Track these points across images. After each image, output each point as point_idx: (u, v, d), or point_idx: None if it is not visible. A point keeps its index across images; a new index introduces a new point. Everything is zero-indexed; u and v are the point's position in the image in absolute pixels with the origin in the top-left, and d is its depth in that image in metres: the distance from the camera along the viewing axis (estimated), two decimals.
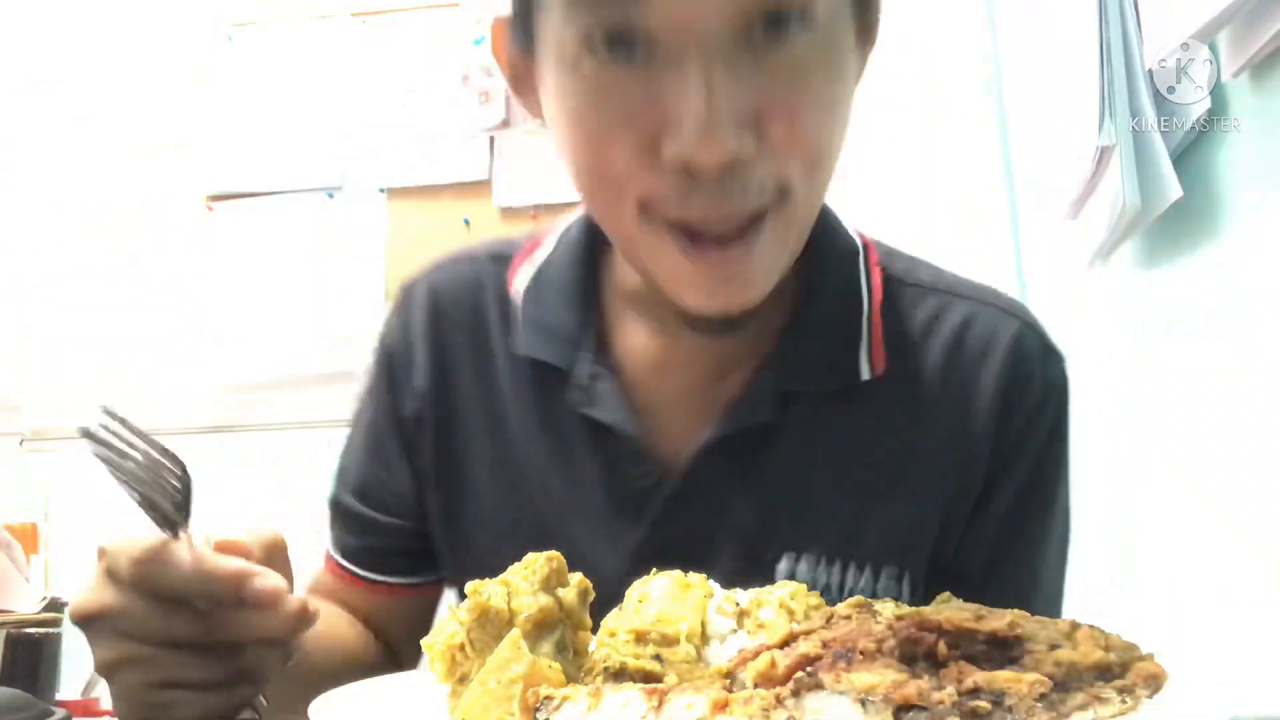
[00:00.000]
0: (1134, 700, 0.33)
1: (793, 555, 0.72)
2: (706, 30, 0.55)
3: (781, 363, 0.73)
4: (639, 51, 0.57)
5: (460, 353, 0.81)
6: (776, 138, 0.58)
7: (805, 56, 0.58)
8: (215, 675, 0.54)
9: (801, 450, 0.73)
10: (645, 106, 0.57)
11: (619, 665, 0.42)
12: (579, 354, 0.76)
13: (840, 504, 0.73)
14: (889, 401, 0.74)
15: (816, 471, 0.73)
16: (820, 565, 0.71)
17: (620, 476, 0.75)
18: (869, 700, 0.28)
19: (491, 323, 0.81)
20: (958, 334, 0.75)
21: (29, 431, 2.61)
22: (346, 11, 2.68)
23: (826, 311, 0.75)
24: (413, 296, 0.85)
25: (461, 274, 0.85)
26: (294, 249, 2.58)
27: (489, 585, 0.48)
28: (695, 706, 0.30)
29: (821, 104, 0.60)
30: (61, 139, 2.74)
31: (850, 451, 0.73)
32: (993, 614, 0.36)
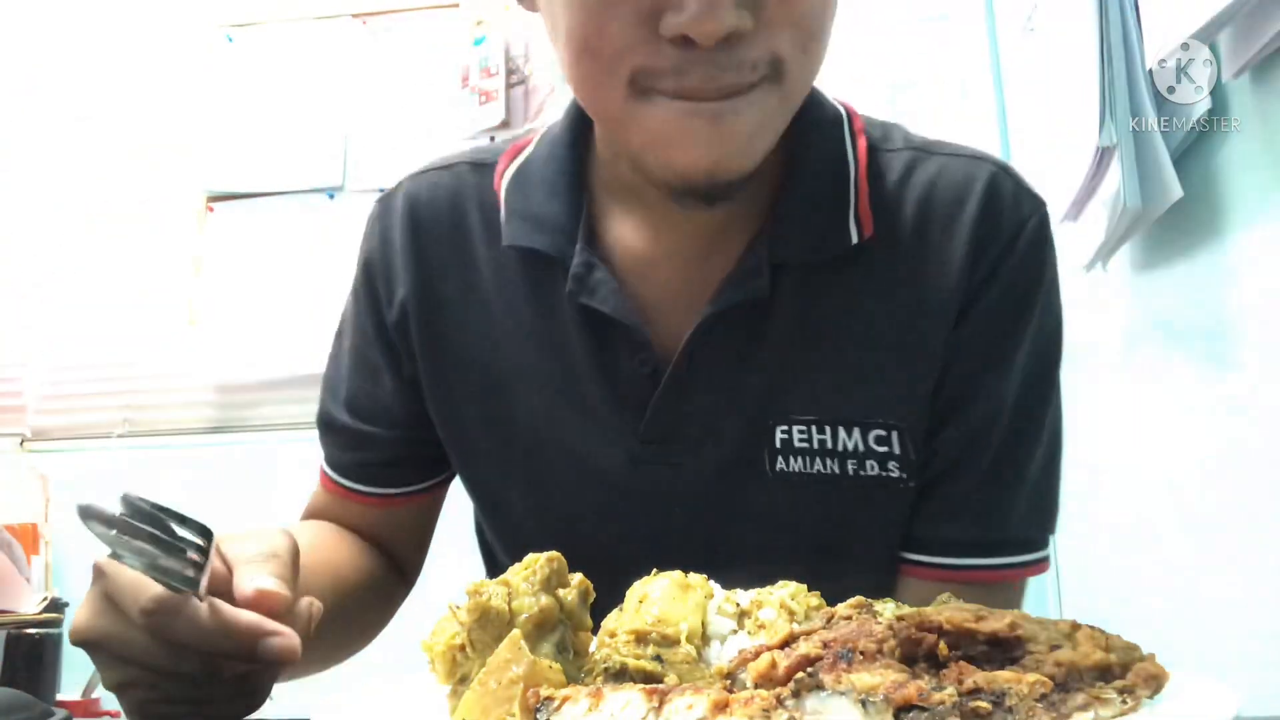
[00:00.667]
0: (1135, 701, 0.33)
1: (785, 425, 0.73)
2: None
3: (772, 235, 0.73)
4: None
5: (443, 257, 0.81)
6: (772, 13, 0.60)
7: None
8: (220, 694, 0.54)
9: (795, 321, 0.74)
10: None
11: (619, 666, 0.42)
12: (572, 244, 0.75)
13: (835, 369, 0.74)
14: (875, 264, 0.74)
15: (811, 340, 0.74)
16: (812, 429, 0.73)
17: (618, 365, 0.75)
18: (869, 700, 0.28)
19: (473, 226, 0.81)
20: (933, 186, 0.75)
21: (29, 432, 2.62)
22: (347, 12, 2.68)
23: (814, 181, 0.75)
24: (390, 207, 0.85)
25: (439, 180, 0.84)
26: (294, 249, 2.58)
27: (489, 586, 0.48)
28: (695, 707, 0.30)
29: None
30: (62, 139, 2.75)
31: (842, 317, 0.74)
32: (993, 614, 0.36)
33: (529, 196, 0.78)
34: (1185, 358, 1.28)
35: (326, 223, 2.58)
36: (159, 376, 2.62)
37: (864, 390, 0.74)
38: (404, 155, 2.58)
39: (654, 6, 0.59)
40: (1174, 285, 1.31)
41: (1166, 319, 1.35)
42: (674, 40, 0.59)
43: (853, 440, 0.73)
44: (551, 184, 0.78)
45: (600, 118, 0.71)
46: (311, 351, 2.51)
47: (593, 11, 0.61)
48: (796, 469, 0.73)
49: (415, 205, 0.83)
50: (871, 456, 0.73)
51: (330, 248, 2.56)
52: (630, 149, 0.68)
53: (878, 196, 0.75)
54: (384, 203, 0.86)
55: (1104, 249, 1.39)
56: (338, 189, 2.60)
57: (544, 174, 0.79)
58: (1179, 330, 1.30)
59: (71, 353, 2.65)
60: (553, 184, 0.78)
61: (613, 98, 0.63)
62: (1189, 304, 1.26)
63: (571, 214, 0.76)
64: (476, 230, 0.81)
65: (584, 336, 0.76)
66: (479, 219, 0.81)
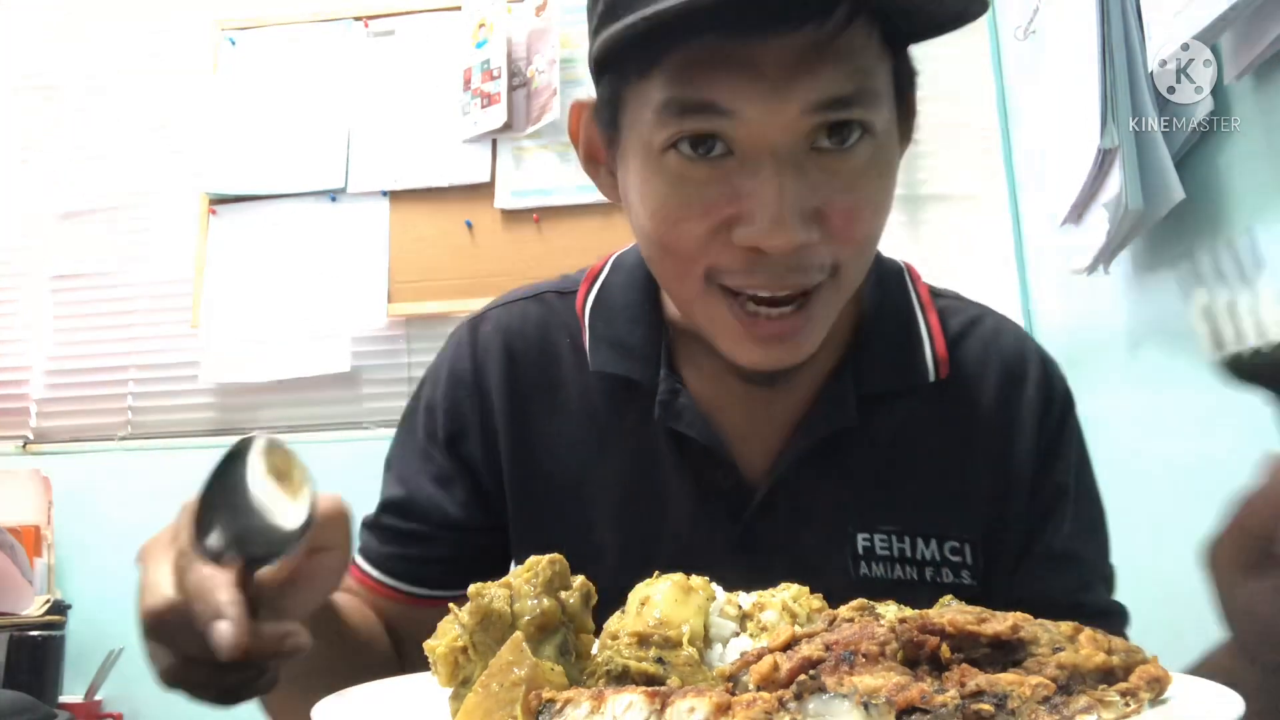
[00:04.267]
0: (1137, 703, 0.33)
1: (867, 533, 0.80)
2: (779, 141, 0.64)
3: (855, 370, 0.81)
4: (718, 151, 0.65)
5: (533, 383, 0.86)
6: (835, 229, 0.66)
7: (861, 163, 0.66)
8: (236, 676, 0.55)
9: (873, 445, 0.81)
10: (722, 198, 0.65)
11: (621, 668, 0.42)
12: (657, 370, 0.81)
13: (911, 489, 0.81)
14: (944, 399, 0.83)
15: (885, 462, 0.81)
16: (893, 538, 0.80)
17: (707, 485, 0.80)
18: (871, 703, 0.28)
19: (562, 352, 0.86)
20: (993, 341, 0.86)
21: (32, 434, 2.62)
22: (349, 14, 2.68)
23: (887, 322, 0.84)
24: (480, 331, 0.89)
25: (528, 310, 0.89)
26: (297, 252, 2.58)
27: (491, 588, 0.48)
28: (697, 709, 0.29)
29: (874, 202, 0.69)
30: (64, 141, 2.75)
31: (914, 443, 0.82)
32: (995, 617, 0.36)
33: (611, 323, 0.84)
34: (1187, 359, 1.27)
35: (329, 225, 2.59)
36: (161, 379, 2.62)
37: (939, 507, 0.81)
38: (406, 157, 2.58)
39: (727, 220, 0.66)
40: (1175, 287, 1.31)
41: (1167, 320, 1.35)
42: (745, 247, 0.65)
43: (930, 550, 0.80)
44: (633, 312, 0.84)
45: (675, 301, 0.77)
46: (313, 353, 2.51)
47: (673, 221, 0.67)
48: (879, 574, 0.79)
49: (508, 333, 0.88)
50: (946, 565, 0.80)
51: (332, 250, 2.56)
52: (702, 332, 0.74)
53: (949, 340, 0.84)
54: (473, 326, 0.90)
55: (1105, 251, 1.39)
56: (340, 191, 2.60)
57: (625, 301, 0.85)
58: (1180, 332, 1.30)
59: (74, 355, 2.65)
60: (634, 312, 0.84)
61: (688, 287, 0.70)
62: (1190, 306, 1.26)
63: (654, 341, 0.83)
64: (566, 356, 0.86)
65: (673, 457, 0.81)
66: (568, 345, 0.86)
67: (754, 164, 0.64)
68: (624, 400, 0.82)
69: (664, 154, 0.66)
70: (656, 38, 0.62)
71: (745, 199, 0.64)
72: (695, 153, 0.65)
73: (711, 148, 0.65)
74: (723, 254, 0.67)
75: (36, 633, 2.16)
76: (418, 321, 2.50)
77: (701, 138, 0.65)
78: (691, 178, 0.66)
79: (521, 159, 2.53)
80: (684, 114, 0.64)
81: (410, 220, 2.56)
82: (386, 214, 2.57)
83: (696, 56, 0.63)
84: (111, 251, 2.68)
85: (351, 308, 2.51)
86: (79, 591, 2.40)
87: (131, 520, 2.44)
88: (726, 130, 0.64)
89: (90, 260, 2.69)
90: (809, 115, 0.63)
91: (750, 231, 0.64)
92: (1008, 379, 0.84)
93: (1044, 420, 0.84)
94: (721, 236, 0.66)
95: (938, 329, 0.84)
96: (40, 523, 2.42)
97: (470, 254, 2.51)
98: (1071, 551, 0.84)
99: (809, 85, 0.62)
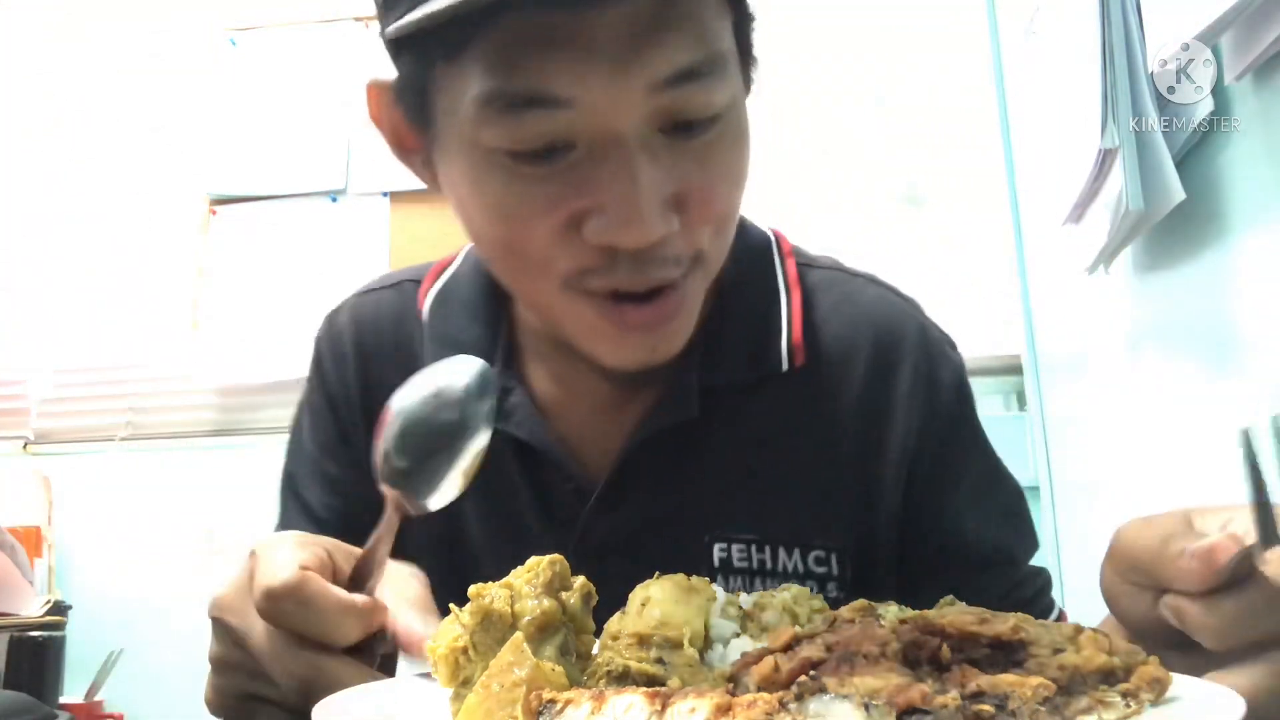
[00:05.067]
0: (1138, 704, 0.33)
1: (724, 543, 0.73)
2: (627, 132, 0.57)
3: (703, 359, 0.74)
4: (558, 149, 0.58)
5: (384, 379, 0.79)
6: (694, 215, 0.61)
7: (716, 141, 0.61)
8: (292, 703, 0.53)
9: (723, 441, 0.75)
10: (567, 194, 0.59)
11: (622, 669, 0.42)
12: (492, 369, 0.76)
13: (770, 492, 0.75)
14: (804, 388, 0.76)
15: (739, 461, 0.75)
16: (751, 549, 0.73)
17: (548, 486, 0.75)
18: (872, 704, 0.28)
19: (415, 346, 0.81)
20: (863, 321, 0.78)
21: (33, 435, 2.62)
22: (349, 15, 2.68)
23: (744, 308, 0.77)
24: (337, 328, 0.85)
25: (382, 300, 0.84)
26: (297, 252, 2.58)
27: (492, 588, 0.48)
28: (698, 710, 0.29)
29: (732, 176, 0.63)
30: (65, 142, 2.75)
31: (770, 439, 0.75)
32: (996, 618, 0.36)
33: (449, 319, 0.79)
34: (1188, 360, 1.27)
35: (329, 226, 2.59)
36: (162, 379, 2.62)
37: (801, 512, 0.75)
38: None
39: (575, 215, 0.59)
40: (1176, 288, 1.31)
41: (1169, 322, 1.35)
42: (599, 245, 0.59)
43: (793, 560, 0.73)
44: (473, 306, 0.78)
45: (531, 306, 0.71)
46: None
47: (514, 223, 0.60)
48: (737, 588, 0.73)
49: (360, 325, 0.83)
50: (811, 577, 0.73)
51: (333, 251, 2.57)
52: (562, 335, 0.68)
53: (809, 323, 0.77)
54: (330, 320, 0.86)
55: (1106, 251, 1.39)
56: (340, 192, 2.60)
57: (466, 294, 0.79)
58: (1181, 333, 1.30)
59: (74, 356, 2.66)
60: (474, 306, 0.78)
61: (543, 290, 0.64)
62: (1191, 307, 1.26)
63: (490, 339, 0.77)
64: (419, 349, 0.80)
65: (511, 460, 0.75)
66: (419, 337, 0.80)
67: (600, 152, 0.57)
68: None
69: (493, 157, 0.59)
70: (464, 13, 0.52)
71: (594, 192, 0.58)
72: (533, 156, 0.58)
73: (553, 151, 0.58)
74: (577, 254, 0.60)
75: (37, 633, 2.16)
76: None
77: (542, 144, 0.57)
78: (529, 174, 0.58)
79: None
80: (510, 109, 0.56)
81: (411, 221, 2.56)
82: (387, 215, 2.57)
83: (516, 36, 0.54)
84: (112, 252, 2.69)
85: None
86: (79, 592, 2.41)
87: (132, 520, 2.46)
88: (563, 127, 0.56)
89: (91, 260, 2.69)
90: (656, 93, 0.56)
91: (603, 226, 0.58)
92: (877, 362, 0.77)
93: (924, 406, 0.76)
94: (571, 234, 0.60)
95: (798, 311, 0.77)
96: (41, 523, 2.43)
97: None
98: (997, 549, 0.78)
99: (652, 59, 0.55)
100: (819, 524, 0.74)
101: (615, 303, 0.63)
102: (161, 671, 2.36)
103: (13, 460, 2.56)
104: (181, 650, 2.45)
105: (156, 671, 2.35)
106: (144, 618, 2.39)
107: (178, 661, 2.44)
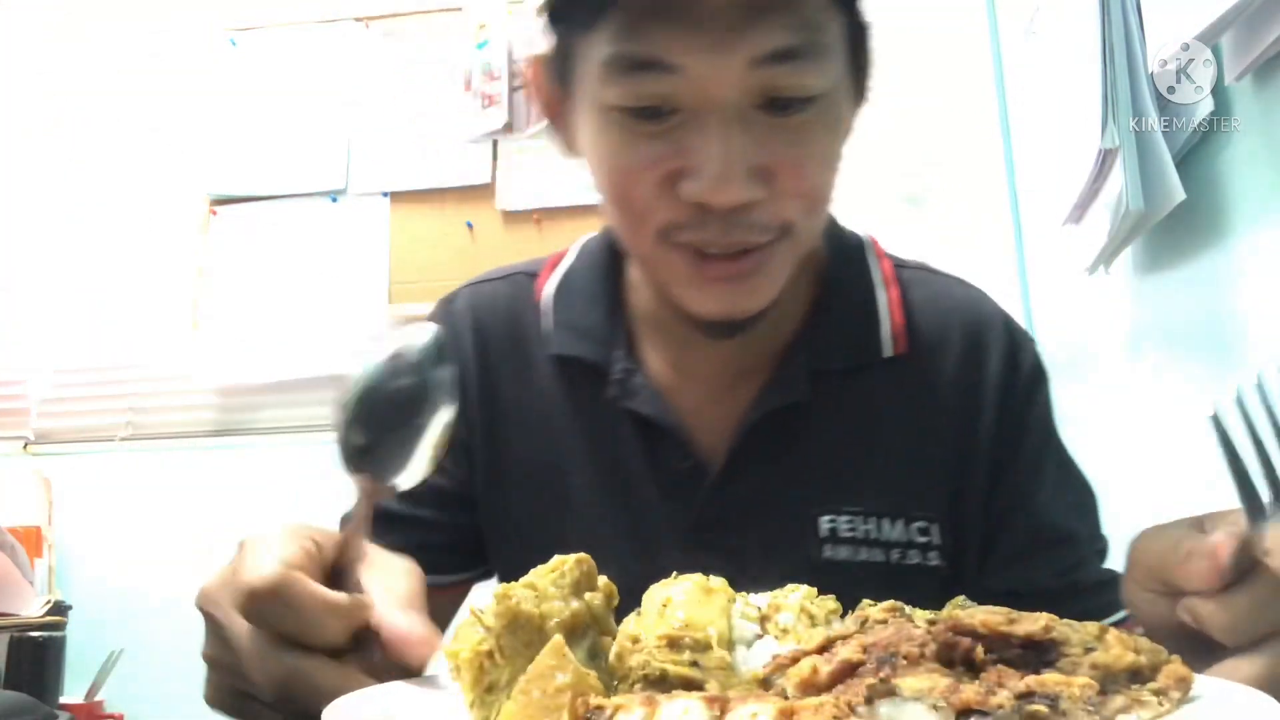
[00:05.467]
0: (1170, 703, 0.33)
1: (831, 515, 0.79)
2: (725, 100, 0.64)
3: (808, 344, 0.81)
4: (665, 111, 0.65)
5: (504, 361, 0.87)
6: (782, 187, 0.66)
7: (809, 122, 0.66)
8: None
9: (830, 421, 0.80)
10: (669, 154, 0.66)
11: (659, 672, 0.42)
12: (613, 352, 0.82)
13: (875, 468, 0.80)
14: (904, 373, 0.82)
15: (844, 439, 0.80)
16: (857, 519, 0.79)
17: (664, 464, 0.80)
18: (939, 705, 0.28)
19: (529, 331, 0.87)
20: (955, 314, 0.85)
21: (33, 435, 2.61)
22: (349, 16, 2.68)
23: (846, 297, 0.83)
24: (452, 312, 0.90)
25: (498, 290, 0.91)
26: (297, 252, 2.58)
27: (517, 589, 0.46)
28: (760, 715, 0.29)
29: (821, 159, 0.69)
30: (65, 143, 2.75)
31: (873, 419, 0.81)
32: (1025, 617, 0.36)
33: (571, 307, 0.85)
34: (1188, 360, 1.28)
35: (329, 226, 2.59)
36: (162, 380, 2.62)
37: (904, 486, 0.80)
38: (407, 158, 2.58)
39: (673, 174, 0.66)
40: (1177, 288, 1.32)
41: (1169, 322, 1.35)
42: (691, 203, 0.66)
43: (896, 530, 0.79)
44: (593, 295, 0.85)
45: (634, 254, 0.78)
46: (314, 355, 2.51)
47: (623, 176, 0.68)
48: (844, 556, 0.78)
49: (478, 310, 0.89)
50: (914, 546, 0.79)
51: (333, 251, 2.56)
52: (657, 283, 0.75)
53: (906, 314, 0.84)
54: (445, 304, 0.92)
55: (1106, 252, 1.40)
56: (340, 192, 2.60)
57: (585, 284, 0.86)
58: (1182, 333, 1.31)
59: (74, 356, 2.65)
60: (594, 295, 0.85)
61: (642, 241, 0.71)
62: (1192, 307, 1.27)
63: (612, 324, 0.84)
64: (532, 334, 0.87)
65: (631, 437, 0.81)
66: (534, 323, 0.87)
67: (699, 121, 0.64)
68: (584, 382, 0.83)
69: (610, 113, 0.67)
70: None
71: (690, 154, 0.65)
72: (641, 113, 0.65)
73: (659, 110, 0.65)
74: (671, 209, 0.67)
75: (37, 633, 2.16)
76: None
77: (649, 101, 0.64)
78: (639, 132, 0.66)
79: (522, 160, 2.53)
80: (629, 71, 0.64)
81: (411, 221, 2.56)
82: (387, 215, 2.57)
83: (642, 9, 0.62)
84: (112, 252, 2.68)
85: (352, 308, 2.51)
86: (80, 592, 2.40)
87: (132, 521, 2.45)
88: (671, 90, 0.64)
89: (91, 260, 2.68)
90: (755, 68, 0.63)
91: (695, 186, 0.64)
92: (969, 351, 0.83)
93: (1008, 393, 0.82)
94: (670, 192, 0.66)
95: (896, 303, 0.83)
96: (41, 523, 2.42)
97: (471, 255, 2.51)
98: (1058, 530, 0.82)
99: (754, 37, 0.62)
100: (920, 497, 0.80)
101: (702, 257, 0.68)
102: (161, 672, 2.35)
103: (13, 460, 2.56)
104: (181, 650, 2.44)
105: (156, 672, 2.35)
106: (144, 618, 2.39)
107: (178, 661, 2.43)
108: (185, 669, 2.20)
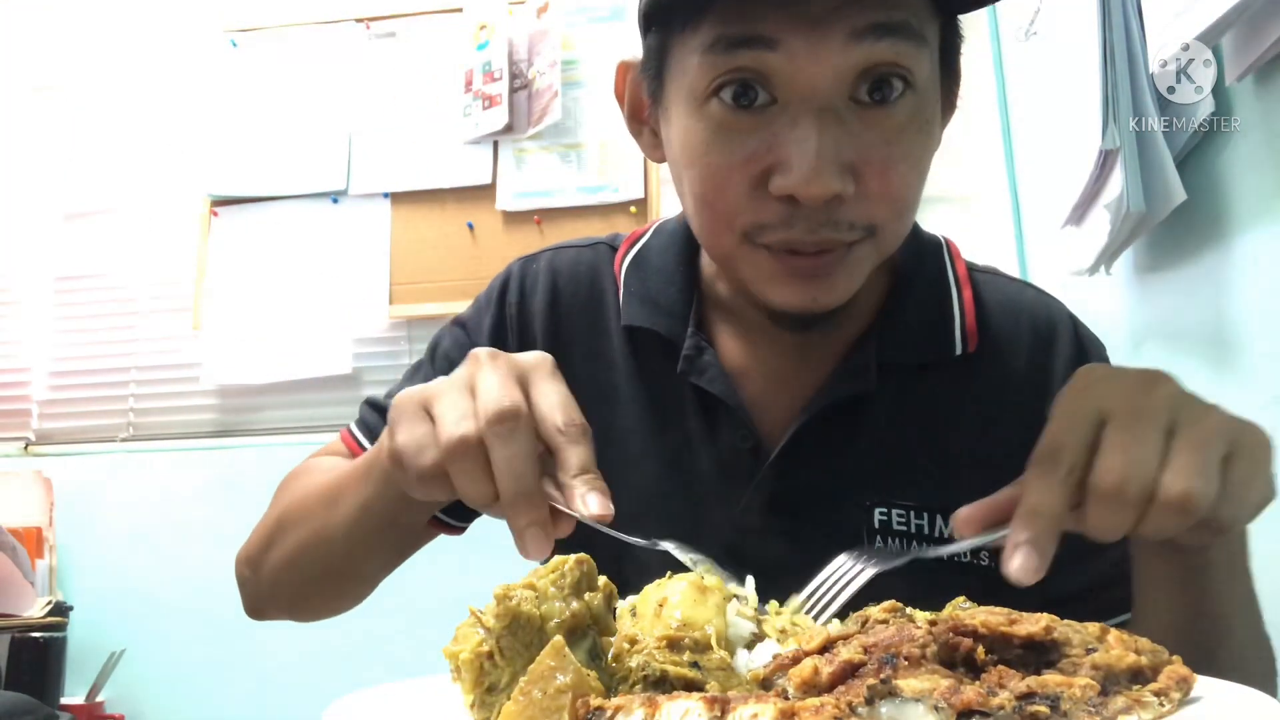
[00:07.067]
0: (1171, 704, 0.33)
1: (885, 508, 0.80)
2: (821, 88, 0.64)
3: (879, 338, 0.81)
4: (761, 101, 0.66)
5: (576, 325, 0.89)
6: (870, 185, 0.67)
7: (901, 119, 0.67)
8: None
9: (894, 415, 0.81)
10: (761, 148, 0.66)
11: (660, 673, 0.41)
12: (684, 329, 0.83)
13: (934, 464, 0.81)
14: (972, 372, 0.82)
15: (907, 434, 0.81)
16: (910, 514, 0.79)
17: (725, 441, 0.82)
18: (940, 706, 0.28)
19: (607, 298, 0.89)
20: (1027, 317, 0.85)
21: (34, 436, 2.62)
22: (350, 16, 2.68)
23: (920, 294, 0.84)
24: (532, 270, 0.92)
25: (580, 257, 0.92)
26: (298, 253, 2.58)
27: (518, 589, 0.47)
28: (761, 716, 0.29)
29: (911, 160, 0.69)
30: (66, 143, 2.75)
31: (939, 417, 0.82)
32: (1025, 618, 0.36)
33: (646, 281, 0.87)
34: (1188, 360, 1.28)
35: (330, 227, 2.59)
36: (163, 380, 2.62)
37: (962, 485, 0.78)
38: (407, 159, 2.58)
39: (765, 170, 0.67)
40: (1177, 288, 1.32)
41: (1169, 322, 1.35)
42: (781, 198, 0.66)
43: (949, 528, 0.78)
44: (668, 272, 0.87)
45: (714, 255, 0.79)
46: (315, 355, 2.51)
47: (713, 175, 0.69)
48: (894, 550, 0.78)
49: (558, 274, 0.91)
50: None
51: (334, 252, 2.56)
52: (737, 280, 0.76)
53: (981, 314, 0.84)
54: (525, 262, 0.93)
55: (1107, 252, 1.40)
56: (341, 193, 2.60)
57: (661, 261, 0.88)
58: (1182, 333, 1.31)
59: (76, 357, 2.65)
60: (669, 272, 0.87)
61: (727, 243, 0.71)
62: (1192, 307, 1.27)
63: (685, 300, 0.85)
64: (610, 304, 0.89)
65: (695, 412, 0.83)
66: (612, 294, 0.89)
67: (794, 112, 0.65)
68: (653, 355, 0.85)
69: (706, 103, 0.67)
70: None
71: (784, 147, 0.65)
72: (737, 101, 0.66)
73: (754, 98, 0.66)
74: (761, 209, 0.68)
75: (38, 634, 2.16)
76: (419, 323, 2.50)
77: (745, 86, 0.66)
78: (733, 126, 0.67)
79: (523, 161, 2.53)
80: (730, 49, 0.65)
81: (412, 222, 2.56)
82: (388, 215, 2.57)
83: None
84: (113, 253, 2.68)
85: (353, 309, 2.51)
86: (81, 593, 2.41)
87: (133, 522, 2.46)
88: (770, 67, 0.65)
89: (92, 262, 2.69)
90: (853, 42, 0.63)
91: (786, 179, 0.65)
92: (1037, 352, 0.84)
93: None
94: (760, 191, 0.67)
95: (970, 303, 0.84)
96: (42, 524, 2.42)
97: (472, 255, 2.51)
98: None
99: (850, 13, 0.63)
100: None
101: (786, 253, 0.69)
102: (162, 672, 2.36)
103: (14, 461, 2.56)
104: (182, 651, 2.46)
105: (157, 672, 2.35)
106: (145, 618, 2.39)
107: (178, 662, 2.44)
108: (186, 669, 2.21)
